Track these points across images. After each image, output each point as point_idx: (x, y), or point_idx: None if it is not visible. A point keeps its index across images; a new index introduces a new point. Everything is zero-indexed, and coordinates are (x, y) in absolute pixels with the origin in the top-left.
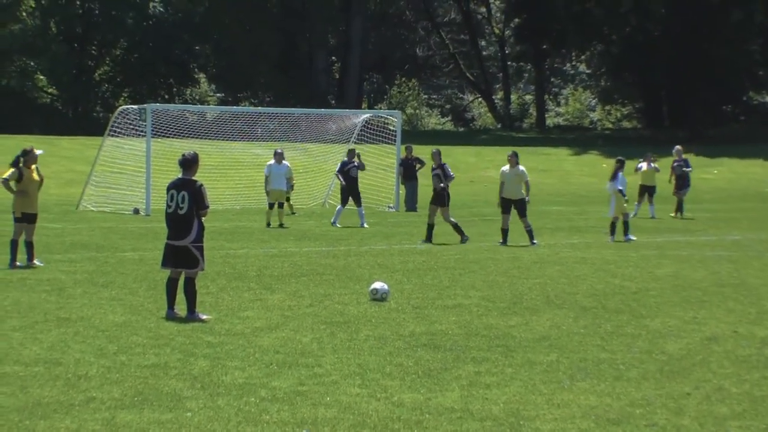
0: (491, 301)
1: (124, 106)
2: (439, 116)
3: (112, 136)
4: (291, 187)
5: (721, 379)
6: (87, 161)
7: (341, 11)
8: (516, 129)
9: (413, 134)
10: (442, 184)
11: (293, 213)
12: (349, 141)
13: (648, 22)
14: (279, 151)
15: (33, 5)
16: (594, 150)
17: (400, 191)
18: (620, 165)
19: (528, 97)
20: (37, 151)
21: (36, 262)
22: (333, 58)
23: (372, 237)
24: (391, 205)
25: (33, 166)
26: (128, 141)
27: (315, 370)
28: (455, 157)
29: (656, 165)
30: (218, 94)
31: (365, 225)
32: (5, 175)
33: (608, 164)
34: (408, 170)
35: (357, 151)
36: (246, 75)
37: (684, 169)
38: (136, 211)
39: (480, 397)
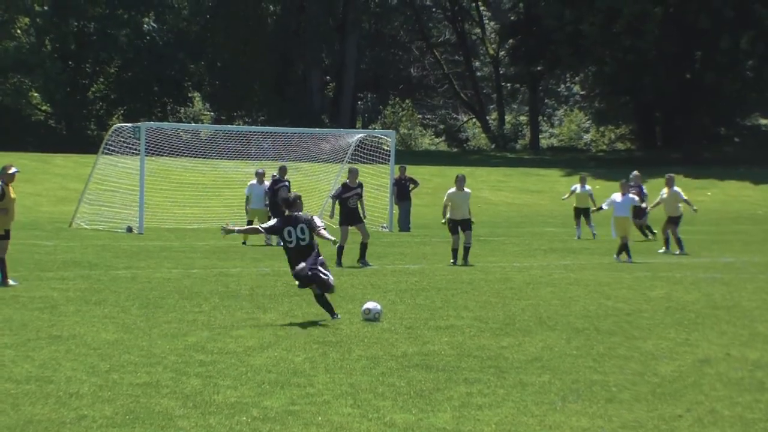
0: (484, 322)
1: (119, 125)
2: (433, 136)
3: (107, 153)
4: None
5: (713, 401)
6: (80, 179)
7: (336, 31)
8: (509, 149)
9: (407, 154)
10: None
11: None
12: (343, 160)
13: (641, 42)
14: (260, 171)
15: (28, 23)
16: (586, 171)
17: (394, 211)
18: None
19: (522, 118)
20: (13, 169)
21: (11, 281)
22: (327, 77)
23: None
24: (385, 225)
25: (10, 184)
26: (122, 159)
27: (307, 390)
28: (448, 177)
29: (589, 187)
30: (212, 113)
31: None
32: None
33: (600, 186)
34: (401, 190)
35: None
36: (240, 94)
37: (635, 199)
38: (129, 230)
39: (472, 418)
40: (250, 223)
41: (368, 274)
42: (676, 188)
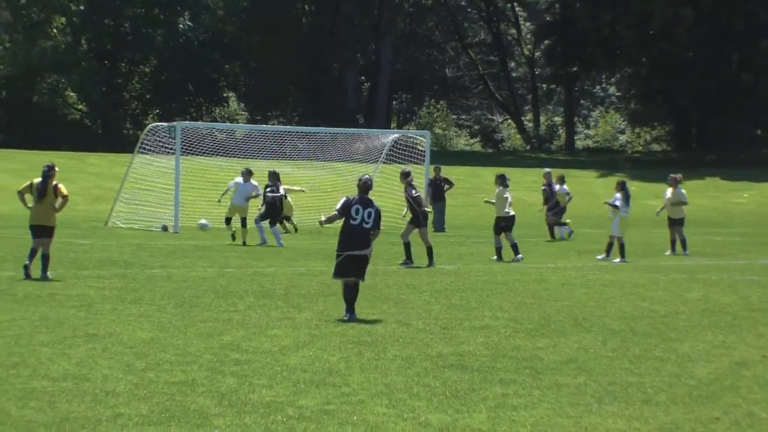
0: (519, 323)
1: (154, 124)
2: (468, 137)
3: (142, 153)
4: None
5: (750, 404)
6: (115, 178)
7: (371, 31)
8: (544, 150)
9: (442, 154)
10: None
11: (296, 231)
12: (377, 161)
13: (675, 44)
14: (246, 169)
15: (64, 22)
16: (622, 172)
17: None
18: (621, 186)
19: (557, 119)
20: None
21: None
22: (362, 77)
23: (400, 257)
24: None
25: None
26: (158, 158)
27: (342, 389)
28: (482, 177)
29: (566, 187)
30: (247, 113)
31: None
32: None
33: (637, 187)
34: (436, 191)
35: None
36: (275, 94)
37: (553, 189)
38: (165, 228)
39: (507, 419)
40: (228, 220)
41: (402, 274)
42: (681, 189)
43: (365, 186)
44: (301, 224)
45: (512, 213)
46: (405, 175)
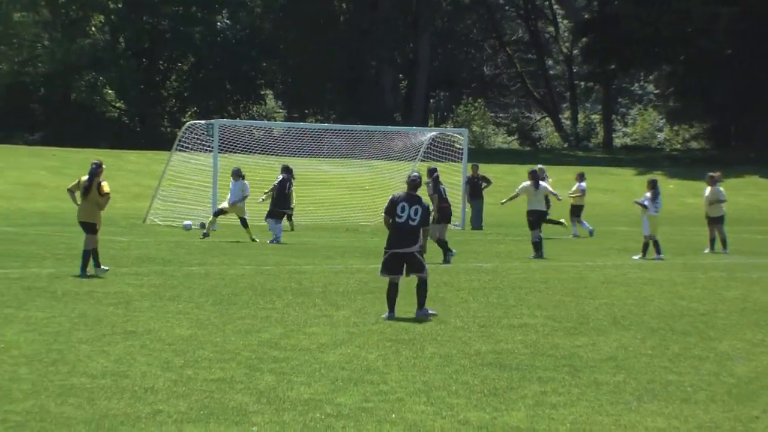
0: (557, 321)
1: (192, 122)
2: (506, 135)
3: (180, 150)
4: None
5: None
6: (153, 175)
7: (409, 28)
8: (582, 148)
9: (479, 152)
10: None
11: (292, 230)
12: (415, 158)
13: (715, 42)
14: (236, 169)
15: (102, 20)
16: (660, 170)
17: (466, 209)
18: (652, 185)
19: (595, 117)
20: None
21: (103, 266)
22: (400, 75)
23: (438, 255)
24: (457, 223)
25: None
26: (195, 156)
27: (380, 387)
28: (520, 175)
29: (584, 184)
30: (284, 111)
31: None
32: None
33: (675, 185)
34: (474, 188)
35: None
36: (313, 91)
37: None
38: (203, 226)
39: (546, 417)
40: (218, 213)
41: (440, 272)
42: (719, 188)
43: (413, 183)
44: (339, 222)
45: (543, 208)
46: (431, 173)
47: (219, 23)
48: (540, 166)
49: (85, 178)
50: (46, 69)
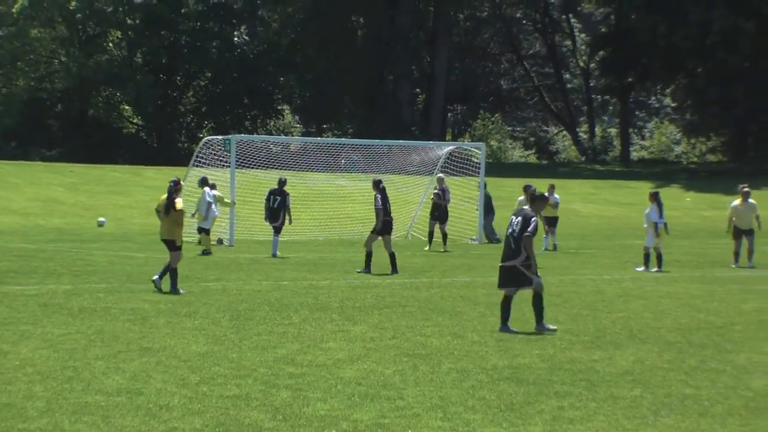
0: (574, 335)
1: (209, 137)
2: (523, 149)
3: (197, 166)
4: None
5: None
6: None
7: (427, 43)
8: (600, 162)
9: (496, 166)
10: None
11: (219, 242)
12: (432, 173)
13: (736, 55)
14: (202, 178)
15: (119, 36)
16: (677, 183)
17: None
18: (654, 197)
19: (612, 130)
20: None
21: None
22: (417, 89)
23: (455, 269)
24: (474, 237)
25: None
26: (213, 171)
27: (397, 403)
28: (538, 189)
29: (557, 196)
30: (301, 125)
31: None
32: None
33: (693, 198)
34: (486, 203)
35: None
36: (330, 106)
37: (440, 201)
38: (220, 242)
39: None
40: (206, 231)
41: (458, 286)
42: (751, 201)
43: (533, 198)
44: (356, 237)
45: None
46: (376, 185)
47: (236, 38)
48: (439, 175)
49: (164, 197)
50: (63, 85)
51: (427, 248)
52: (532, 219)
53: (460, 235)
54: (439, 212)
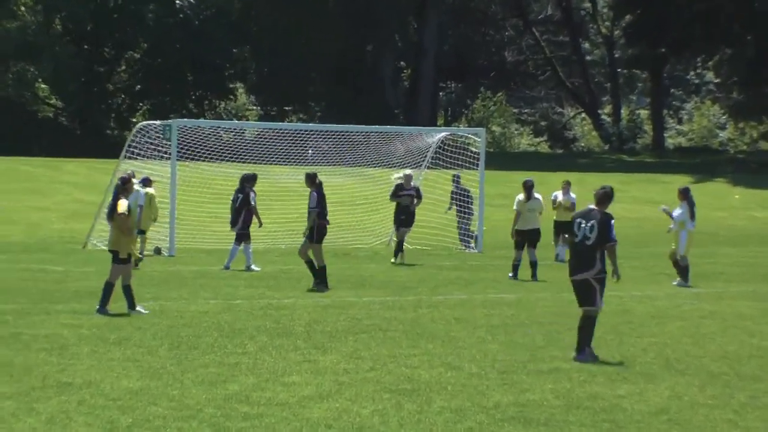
0: (596, 365)
1: (145, 122)
2: (532, 135)
3: (130, 158)
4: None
5: None
6: (97, 189)
7: (413, 5)
8: (627, 151)
9: (500, 157)
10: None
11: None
12: (421, 165)
13: None
14: (129, 174)
15: None
16: (722, 177)
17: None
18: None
19: (642, 113)
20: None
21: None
22: (402, 63)
23: (449, 284)
24: (472, 245)
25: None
26: (149, 164)
27: None
28: (551, 185)
29: (574, 195)
30: (259, 108)
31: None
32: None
33: (740, 195)
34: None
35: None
36: (294, 84)
37: (409, 205)
38: (158, 251)
39: None
40: (141, 232)
41: (452, 306)
42: None
43: (600, 196)
44: (326, 245)
45: (536, 226)
46: (312, 179)
47: (178, 1)
48: (406, 172)
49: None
50: None
51: (393, 260)
52: (611, 221)
53: (454, 243)
54: (408, 216)
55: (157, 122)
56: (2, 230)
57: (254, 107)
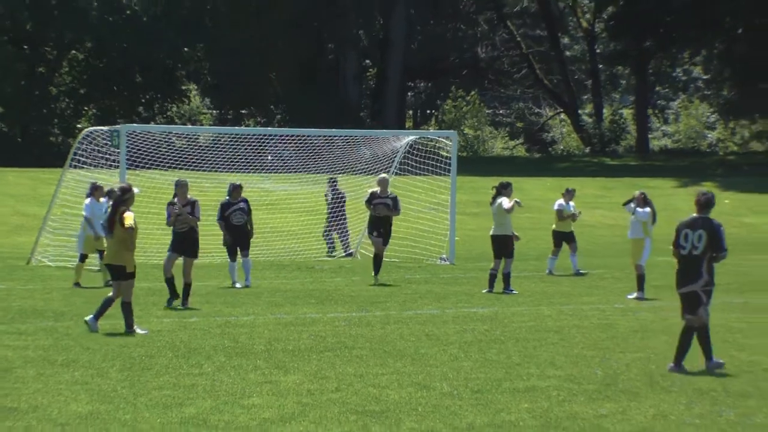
0: (576, 383)
1: (91, 128)
2: (507, 138)
3: (76, 167)
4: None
5: None
6: (41, 201)
7: None
8: (609, 154)
9: (473, 161)
10: None
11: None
12: (389, 171)
13: None
14: (97, 184)
15: None
16: (711, 180)
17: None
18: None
19: (626, 112)
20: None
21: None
22: (367, 60)
23: (419, 299)
24: (444, 256)
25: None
26: (96, 173)
27: None
28: (528, 192)
29: (573, 204)
30: (213, 111)
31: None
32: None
33: (731, 199)
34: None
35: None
36: (251, 85)
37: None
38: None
39: None
40: (83, 258)
41: (422, 321)
42: None
43: (703, 203)
44: (287, 258)
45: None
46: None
47: None
48: (382, 175)
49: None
50: None
51: (375, 277)
52: (720, 228)
53: (427, 254)
54: (386, 228)
55: (104, 128)
56: None
57: (209, 110)
